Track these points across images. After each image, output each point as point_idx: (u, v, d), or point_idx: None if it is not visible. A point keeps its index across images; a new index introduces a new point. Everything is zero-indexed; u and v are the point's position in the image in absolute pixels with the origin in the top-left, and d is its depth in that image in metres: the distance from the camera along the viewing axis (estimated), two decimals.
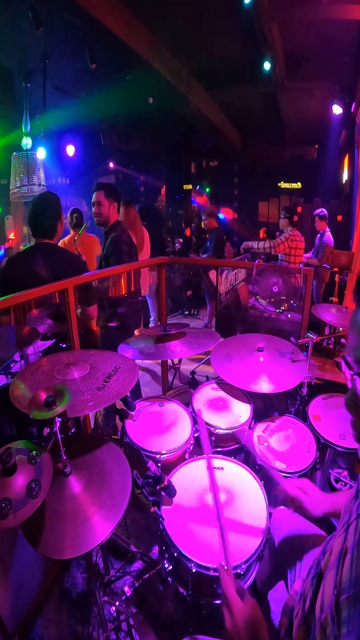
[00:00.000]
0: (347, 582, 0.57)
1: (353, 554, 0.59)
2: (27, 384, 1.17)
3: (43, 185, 4.79)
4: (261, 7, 3.80)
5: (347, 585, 0.56)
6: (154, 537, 1.77)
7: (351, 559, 0.58)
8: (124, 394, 1.17)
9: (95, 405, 1.10)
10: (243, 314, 3.52)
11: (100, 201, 2.51)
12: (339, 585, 0.58)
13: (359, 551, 0.58)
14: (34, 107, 4.76)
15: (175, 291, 6.10)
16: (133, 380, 1.24)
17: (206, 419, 1.63)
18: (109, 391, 1.16)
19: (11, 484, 0.86)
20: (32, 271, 1.81)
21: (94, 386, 1.18)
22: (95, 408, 1.09)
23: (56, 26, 3.69)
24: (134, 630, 1.28)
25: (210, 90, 6.23)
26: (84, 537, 0.92)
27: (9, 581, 1.36)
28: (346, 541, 0.63)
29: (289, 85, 5.45)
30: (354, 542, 0.60)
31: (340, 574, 0.59)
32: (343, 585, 0.57)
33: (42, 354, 1.82)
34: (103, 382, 1.20)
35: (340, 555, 0.62)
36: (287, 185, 9.07)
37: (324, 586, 0.64)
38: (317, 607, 0.65)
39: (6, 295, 1.43)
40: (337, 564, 0.62)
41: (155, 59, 4.60)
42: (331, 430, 1.59)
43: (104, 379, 1.22)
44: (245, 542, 1.14)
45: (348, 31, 4.16)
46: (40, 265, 1.82)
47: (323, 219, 4.83)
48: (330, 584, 0.62)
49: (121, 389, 1.18)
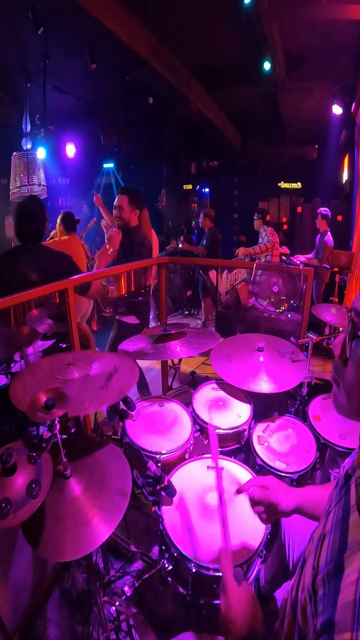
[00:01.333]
0: (323, 564, 0.58)
1: (329, 538, 0.60)
2: (28, 385, 1.17)
3: (43, 185, 4.80)
4: (261, 7, 3.80)
5: (322, 566, 0.58)
6: (154, 537, 1.77)
7: (328, 543, 0.60)
8: (127, 392, 1.17)
9: (99, 403, 1.10)
10: (243, 314, 3.52)
11: (122, 206, 2.54)
12: (316, 567, 0.60)
13: (335, 535, 0.59)
14: (34, 107, 4.76)
15: (175, 291, 6.10)
16: (134, 379, 1.24)
17: (206, 419, 1.63)
18: (112, 389, 1.17)
19: (11, 484, 0.86)
20: (23, 273, 1.80)
21: (96, 385, 1.18)
22: (100, 406, 1.09)
23: (56, 26, 3.69)
24: (134, 630, 1.28)
25: (210, 90, 6.22)
26: (84, 539, 0.92)
27: (9, 581, 1.36)
28: (325, 527, 0.64)
29: (289, 85, 5.45)
30: (331, 526, 0.62)
31: (318, 556, 0.61)
32: (320, 567, 0.59)
33: (42, 354, 1.82)
34: (105, 381, 1.20)
35: (319, 540, 0.64)
36: (287, 185, 9.06)
37: (305, 571, 0.66)
38: (299, 591, 0.66)
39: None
40: (316, 548, 0.63)
41: (155, 59, 4.60)
42: (331, 430, 1.59)
43: (106, 377, 1.22)
44: (245, 543, 1.14)
45: (348, 31, 4.15)
46: (31, 267, 1.82)
47: (325, 218, 4.83)
48: (309, 566, 0.63)
49: (124, 387, 1.19)
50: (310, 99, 6.01)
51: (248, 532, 1.17)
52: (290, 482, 1.45)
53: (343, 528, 0.58)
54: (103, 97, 5.95)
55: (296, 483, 1.46)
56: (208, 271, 4.99)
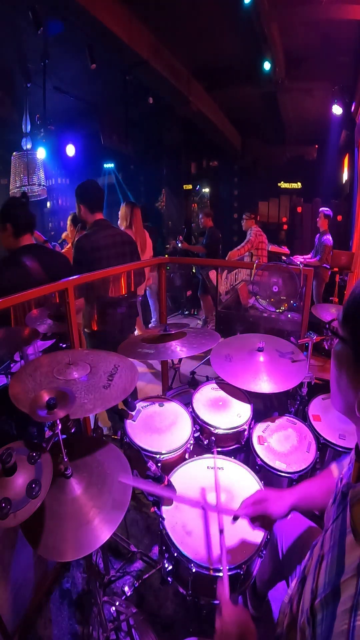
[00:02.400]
0: (321, 587, 0.59)
1: (327, 560, 0.61)
2: (28, 385, 1.17)
3: (43, 185, 4.79)
4: (261, 7, 3.80)
5: (321, 590, 0.58)
6: (154, 537, 1.78)
7: (326, 565, 0.60)
8: (130, 391, 1.17)
9: (105, 403, 1.10)
10: (243, 314, 3.52)
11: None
12: (315, 590, 0.60)
13: (332, 556, 0.60)
14: (34, 107, 4.75)
15: (175, 291, 6.10)
16: (135, 377, 1.24)
17: (206, 419, 1.63)
18: (115, 389, 1.17)
19: (11, 484, 0.86)
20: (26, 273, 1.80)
21: (99, 385, 1.18)
22: (106, 406, 1.09)
23: (56, 26, 3.68)
24: (134, 630, 1.28)
25: (210, 90, 6.22)
26: (84, 540, 0.92)
27: (9, 581, 1.36)
28: (323, 547, 0.65)
29: (289, 85, 5.45)
30: (329, 547, 0.62)
31: (317, 579, 0.62)
32: (318, 590, 0.59)
33: (42, 354, 1.82)
34: (107, 381, 1.20)
35: (317, 561, 0.65)
36: (287, 185, 9.05)
37: (304, 591, 0.67)
38: (299, 611, 0.67)
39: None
40: (315, 569, 0.64)
41: (155, 59, 4.60)
42: (331, 430, 1.59)
43: (107, 377, 1.22)
44: (245, 542, 1.14)
45: (348, 31, 4.15)
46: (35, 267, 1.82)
47: (327, 217, 4.84)
48: (308, 588, 0.64)
49: (126, 386, 1.18)
50: (310, 99, 6.00)
51: (248, 531, 1.17)
52: (290, 482, 1.46)
53: (340, 550, 0.59)
54: (103, 97, 5.94)
55: (296, 483, 1.45)
56: (208, 271, 5.00)
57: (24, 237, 1.91)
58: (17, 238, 1.90)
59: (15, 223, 1.89)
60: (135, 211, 3.64)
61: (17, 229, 1.90)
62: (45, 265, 1.87)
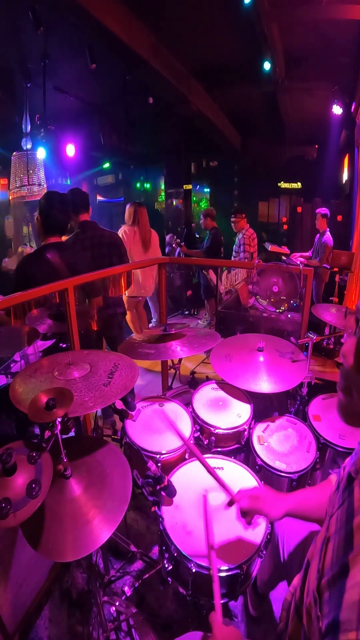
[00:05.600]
0: (328, 566, 0.58)
1: (334, 541, 0.60)
2: (28, 385, 1.17)
3: (43, 185, 4.79)
4: (261, 7, 3.79)
5: (328, 569, 0.58)
6: (154, 537, 1.78)
7: (332, 546, 0.60)
8: (130, 388, 1.17)
9: (105, 401, 1.10)
10: (243, 314, 3.52)
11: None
12: (321, 570, 0.60)
13: (339, 538, 0.59)
14: (34, 107, 4.75)
15: (175, 291, 6.10)
16: (135, 375, 1.24)
17: (206, 419, 1.63)
18: (115, 386, 1.17)
19: (11, 484, 0.86)
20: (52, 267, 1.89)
21: (100, 383, 1.18)
22: (106, 403, 1.09)
23: (56, 26, 3.68)
24: (134, 630, 1.28)
25: (210, 90, 6.22)
26: (84, 540, 0.92)
27: (9, 581, 1.36)
28: (328, 530, 0.65)
29: (289, 85, 5.44)
30: (335, 529, 0.62)
31: (323, 559, 0.61)
32: (325, 569, 0.59)
33: (42, 354, 1.82)
34: (107, 379, 1.20)
35: (323, 543, 0.64)
36: (287, 185, 9.06)
37: (309, 573, 0.66)
38: (304, 594, 0.67)
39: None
40: (320, 551, 0.64)
41: (155, 59, 4.60)
42: (331, 430, 1.59)
43: (108, 375, 1.22)
44: (245, 542, 1.14)
45: (348, 31, 4.15)
46: (59, 261, 1.92)
47: (325, 217, 4.84)
48: (314, 569, 0.63)
49: (126, 384, 1.19)
50: (310, 99, 6.00)
51: (248, 531, 1.17)
52: (290, 482, 1.46)
53: (347, 531, 0.58)
54: (103, 97, 5.94)
55: (296, 483, 1.46)
56: (208, 270, 4.99)
57: (52, 237, 2.02)
58: (45, 235, 2.01)
59: (46, 221, 2.00)
60: (140, 210, 3.68)
61: (46, 228, 2.01)
62: (67, 261, 1.97)
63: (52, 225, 2.01)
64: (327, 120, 6.09)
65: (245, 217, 4.84)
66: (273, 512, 0.98)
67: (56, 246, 2.00)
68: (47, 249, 1.97)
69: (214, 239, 5.10)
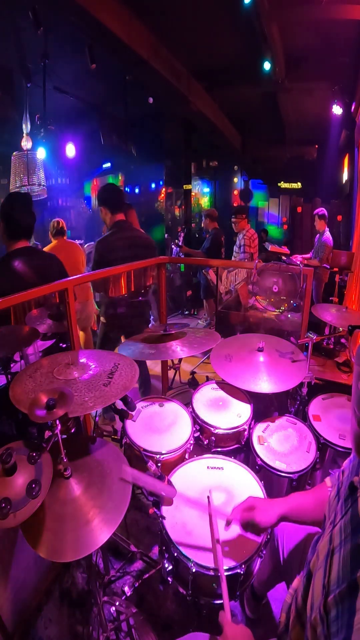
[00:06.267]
0: (334, 582, 0.57)
1: (339, 554, 0.59)
2: (28, 385, 1.17)
3: (43, 185, 4.79)
4: (261, 7, 3.79)
5: (334, 586, 0.57)
6: (154, 537, 1.78)
7: (338, 559, 0.59)
8: (131, 387, 1.17)
9: (105, 401, 1.10)
10: (243, 314, 3.52)
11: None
12: (327, 585, 0.59)
13: (345, 551, 0.58)
14: (34, 107, 4.75)
15: (175, 291, 6.10)
16: (135, 375, 1.24)
17: (206, 419, 1.63)
18: (115, 386, 1.17)
19: (11, 484, 0.86)
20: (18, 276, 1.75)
21: (99, 383, 1.18)
22: (106, 403, 1.09)
23: (56, 26, 3.68)
24: (134, 630, 1.28)
25: (210, 90, 6.22)
26: (84, 540, 0.92)
27: (9, 581, 1.36)
28: (332, 542, 0.64)
29: (289, 85, 5.45)
30: (339, 541, 0.61)
31: (328, 574, 0.60)
32: (331, 585, 0.58)
33: (42, 354, 1.82)
34: (107, 379, 1.20)
35: (327, 556, 0.63)
36: (287, 185, 9.07)
37: (313, 585, 0.65)
38: (307, 606, 0.66)
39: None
40: (325, 564, 0.63)
41: (155, 59, 4.60)
42: (331, 430, 1.59)
43: (108, 375, 1.22)
44: (246, 542, 1.14)
45: (348, 31, 4.15)
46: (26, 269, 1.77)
47: (322, 218, 4.83)
48: (318, 583, 0.62)
49: (127, 383, 1.19)
50: (310, 99, 6.00)
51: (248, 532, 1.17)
52: (290, 482, 1.46)
53: (354, 545, 0.57)
54: (103, 97, 5.94)
55: (296, 483, 1.46)
56: (208, 270, 4.99)
57: (19, 242, 1.85)
58: (10, 240, 1.84)
59: (8, 225, 1.83)
60: (129, 212, 3.66)
61: (10, 232, 1.84)
62: (36, 268, 1.80)
63: (15, 229, 1.83)
64: (327, 120, 6.09)
65: (246, 218, 4.83)
66: (266, 519, 0.99)
67: (23, 252, 1.82)
68: (12, 256, 1.80)
69: (214, 239, 5.06)
